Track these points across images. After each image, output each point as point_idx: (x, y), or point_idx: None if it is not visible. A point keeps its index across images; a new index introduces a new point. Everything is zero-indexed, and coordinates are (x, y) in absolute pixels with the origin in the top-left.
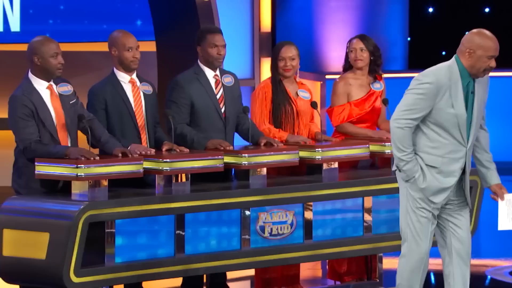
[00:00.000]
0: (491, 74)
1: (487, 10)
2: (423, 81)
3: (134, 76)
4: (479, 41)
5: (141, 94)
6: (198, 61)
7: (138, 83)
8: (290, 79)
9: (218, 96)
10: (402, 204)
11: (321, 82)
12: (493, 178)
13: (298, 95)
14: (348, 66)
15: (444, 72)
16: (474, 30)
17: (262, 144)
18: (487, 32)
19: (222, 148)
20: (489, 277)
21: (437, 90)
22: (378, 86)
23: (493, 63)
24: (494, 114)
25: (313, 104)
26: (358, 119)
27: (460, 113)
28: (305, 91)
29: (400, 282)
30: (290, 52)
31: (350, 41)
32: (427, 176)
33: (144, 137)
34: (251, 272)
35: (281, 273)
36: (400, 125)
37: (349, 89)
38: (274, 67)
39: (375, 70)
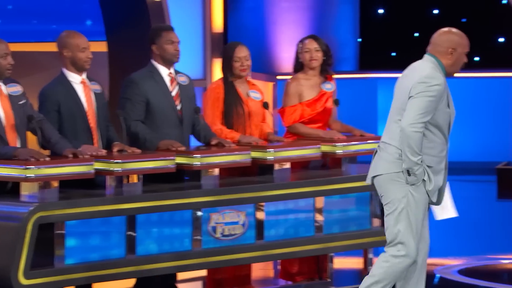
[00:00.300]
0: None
1: (436, 11)
2: (433, 83)
3: (84, 76)
4: (458, 39)
5: (92, 94)
6: (152, 60)
7: (88, 83)
8: (241, 80)
9: (173, 94)
10: (398, 207)
11: (273, 83)
12: None
13: (249, 96)
14: (300, 67)
15: (439, 72)
16: (445, 29)
17: (213, 144)
18: (457, 30)
19: (174, 148)
20: (438, 276)
21: (443, 90)
22: (329, 87)
23: (466, 59)
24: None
25: (265, 105)
26: (309, 119)
27: (453, 111)
28: (256, 92)
29: (384, 278)
30: (244, 52)
31: (302, 41)
32: (430, 177)
33: (96, 137)
34: (202, 272)
35: (233, 274)
36: (417, 129)
37: (301, 89)
38: (227, 68)
39: (326, 70)
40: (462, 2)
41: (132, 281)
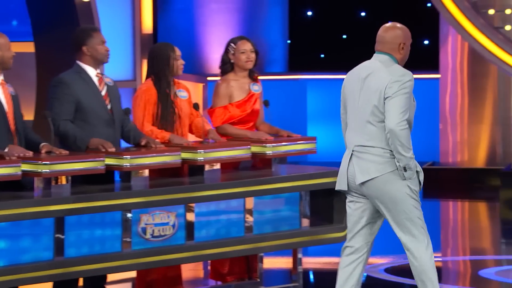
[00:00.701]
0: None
1: (363, 14)
2: (405, 80)
3: (2, 77)
4: (405, 33)
5: (10, 96)
6: (78, 61)
7: (6, 84)
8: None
9: (103, 93)
10: (406, 203)
11: (203, 84)
12: None
13: (177, 96)
14: (231, 68)
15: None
16: (389, 25)
17: (143, 144)
18: (399, 24)
19: (103, 149)
20: (365, 274)
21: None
22: (257, 88)
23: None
24: None
25: (195, 106)
26: (238, 120)
27: (415, 104)
28: (182, 91)
29: (433, 272)
30: (179, 51)
31: (234, 42)
32: (419, 167)
33: (16, 140)
34: (132, 274)
35: (163, 275)
36: (403, 127)
37: (231, 90)
38: (163, 68)
39: (253, 71)
40: (388, 4)
41: (62, 283)
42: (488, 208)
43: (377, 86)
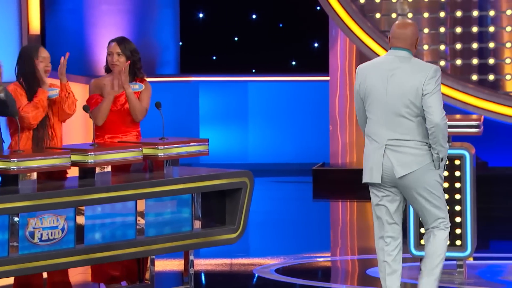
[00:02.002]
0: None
1: (254, 16)
2: (438, 75)
3: None
4: (416, 28)
5: None
6: None
7: None
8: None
9: None
10: (439, 190)
11: None
12: None
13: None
14: (109, 68)
15: None
16: (405, 22)
17: None
18: (409, 19)
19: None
20: (256, 275)
21: None
22: (136, 87)
23: None
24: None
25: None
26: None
27: None
28: (54, 89)
29: (445, 253)
30: (46, 53)
31: (109, 43)
32: None
33: None
34: (10, 280)
35: (48, 279)
36: (445, 120)
37: (102, 88)
38: (32, 70)
39: (135, 73)
40: (279, 7)
41: None
42: None
43: (413, 83)
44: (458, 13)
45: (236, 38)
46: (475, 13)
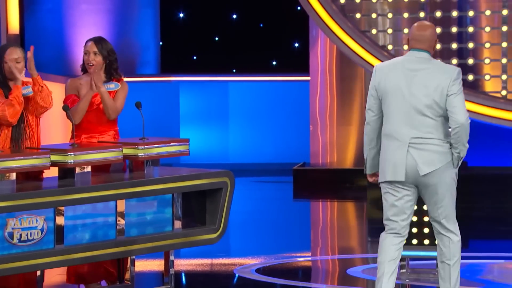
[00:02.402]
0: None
1: (234, 16)
2: (461, 77)
3: None
4: (435, 30)
5: None
6: None
7: None
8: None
9: None
10: (454, 188)
11: None
12: None
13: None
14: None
15: None
16: (425, 23)
17: None
18: (427, 21)
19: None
20: (237, 275)
21: None
22: (112, 86)
23: None
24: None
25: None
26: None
27: None
28: (28, 87)
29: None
30: (16, 54)
31: (86, 42)
32: None
33: None
34: None
35: (23, 280)
36: (469, 120)
37: (79, 88)
38: (1, 69)
39: (111, 73)
40: (260, 7)
41: None
42: (356, 208)
43: (437, 84)
44: (438, 14)
45: (216, 38)
46: (455, 14)
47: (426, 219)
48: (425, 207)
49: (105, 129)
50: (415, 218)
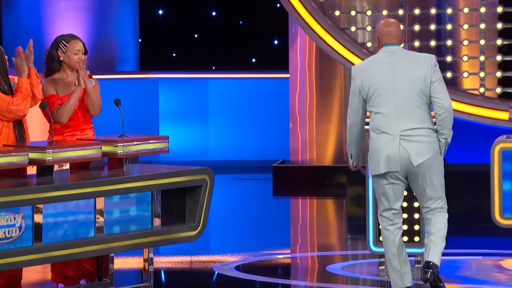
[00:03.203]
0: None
1: (214, 13)
2: (437, 63)
3: None
4: (399, 23)
5: None
6: None
7: None
8: None
9: None
10: (442, 174)
11: None
12: None
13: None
14: (59, 66)
15: None
16: (390, 20)
17: None
18: (388, 18)
19: None
20: (216, 272)
21: None
22: (91, 83)
23: None
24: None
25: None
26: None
27: None
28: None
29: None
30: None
31: (65, 41)
32: None
33: None
34: None
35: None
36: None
37: (55, 87)
38: None
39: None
40: (239, 5)
41: None
42: (336, 205)
43: (419, 73)
44: (416, 11)
45: (196, 35)
46: (433, 11)
47: (405, 215)
48: (416, 204)
49: (86, 126)
50: None
